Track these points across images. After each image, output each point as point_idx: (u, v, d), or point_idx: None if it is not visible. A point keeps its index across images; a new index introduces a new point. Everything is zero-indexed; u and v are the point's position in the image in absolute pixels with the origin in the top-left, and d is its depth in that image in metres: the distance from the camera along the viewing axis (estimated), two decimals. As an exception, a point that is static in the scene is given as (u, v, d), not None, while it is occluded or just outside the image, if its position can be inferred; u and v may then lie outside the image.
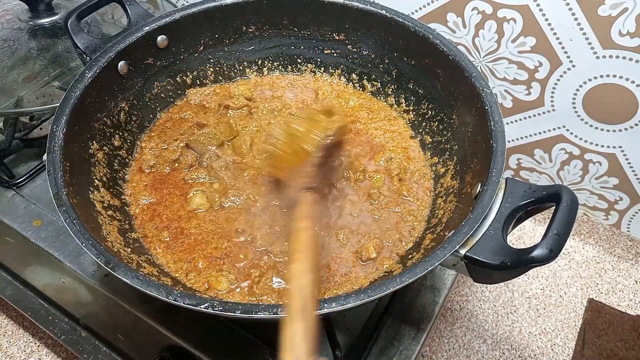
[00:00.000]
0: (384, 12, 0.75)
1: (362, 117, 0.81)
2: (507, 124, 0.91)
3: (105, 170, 0.67)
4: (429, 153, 0.75)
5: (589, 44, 0.74)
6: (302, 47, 0.84)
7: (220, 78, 0.84)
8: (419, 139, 0.77)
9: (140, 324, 0.69)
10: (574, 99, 0.81)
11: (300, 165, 0.64)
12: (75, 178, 0.59)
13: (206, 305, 0.46)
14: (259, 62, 0.85)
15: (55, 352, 0.80)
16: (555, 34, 0.76)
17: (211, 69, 0.83)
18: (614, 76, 0.76)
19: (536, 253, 0.47)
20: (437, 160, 0.73)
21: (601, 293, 0.88)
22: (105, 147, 0.69)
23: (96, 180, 0.65)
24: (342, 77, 0.85)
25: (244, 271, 0.62)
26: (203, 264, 0.62)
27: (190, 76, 0.81)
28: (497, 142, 0.59)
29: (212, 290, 0.60)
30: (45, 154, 0.58)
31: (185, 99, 0.81)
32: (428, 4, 0.84)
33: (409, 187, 0.71)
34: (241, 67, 0.85)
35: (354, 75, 0.84)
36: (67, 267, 0.74)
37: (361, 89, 0.84)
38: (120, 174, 0.70)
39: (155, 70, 0.77)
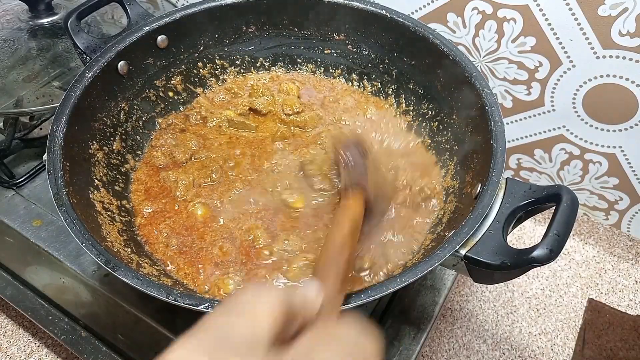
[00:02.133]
0: (384, 12, 0.75)
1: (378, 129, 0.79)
2: (507, 124, 0.91)
3: (105, 171, 0.67)
4: (429, 153, 0.74)
5: (589, 44, 0.74)
6: (302, 47, 0.84)
7: (220, 78, 0.84)
8: (419, 140, 0.77)
9: (140, 324, 0.69)
10: (574, 99, 0.81)
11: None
12: (75, 178, 0.59)
13: (206, 305, 0.46)
14: (259, 62, 0.85)
15: (55, 352, 0.80)
16: (555, 34, 0.76)
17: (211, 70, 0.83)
18: (614, 76, 0.76)
19: (536, 253, 0.47)
20: (437, 160, 0.73)
21: (601, 293, 0.88)
22: (105, 147, 0.69)
23: (96, 180, 0.65)
24: (342, 77, 0.85)
25: (251, 272, 0.61)
26: (210, 268, 0.62)
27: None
28: (497, 142, 0.59)
29: (218, 292, 0.59)
30: (45, 154, 0.58)
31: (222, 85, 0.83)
32: (428, 4, 0.84)
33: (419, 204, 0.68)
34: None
35: (354, 75, 0.84)
36: (67, 267, 0.74)
37: (361, 88, 0.84)
38: (121, 174, 0.70)
39: (155, 70, 0.76)
